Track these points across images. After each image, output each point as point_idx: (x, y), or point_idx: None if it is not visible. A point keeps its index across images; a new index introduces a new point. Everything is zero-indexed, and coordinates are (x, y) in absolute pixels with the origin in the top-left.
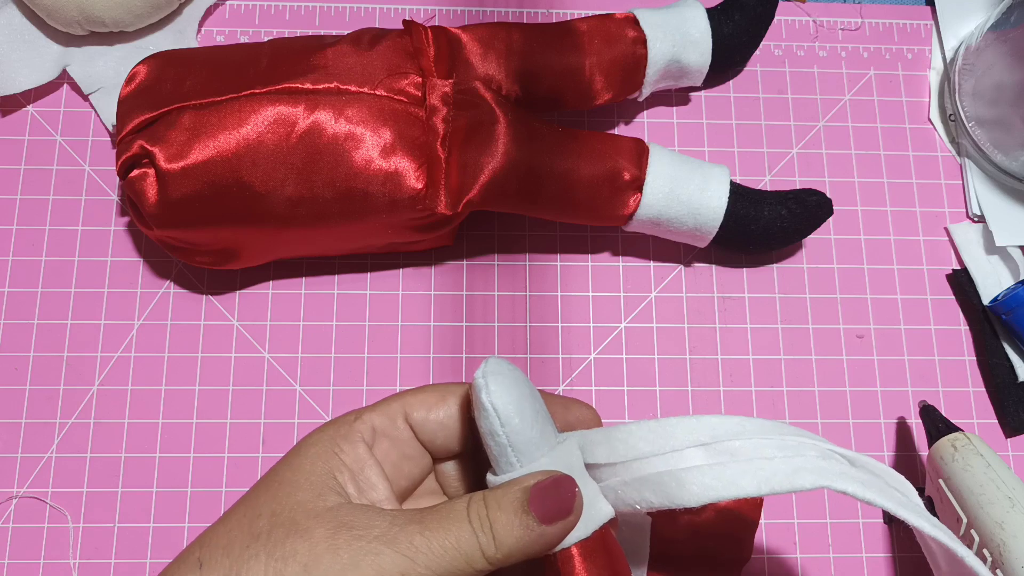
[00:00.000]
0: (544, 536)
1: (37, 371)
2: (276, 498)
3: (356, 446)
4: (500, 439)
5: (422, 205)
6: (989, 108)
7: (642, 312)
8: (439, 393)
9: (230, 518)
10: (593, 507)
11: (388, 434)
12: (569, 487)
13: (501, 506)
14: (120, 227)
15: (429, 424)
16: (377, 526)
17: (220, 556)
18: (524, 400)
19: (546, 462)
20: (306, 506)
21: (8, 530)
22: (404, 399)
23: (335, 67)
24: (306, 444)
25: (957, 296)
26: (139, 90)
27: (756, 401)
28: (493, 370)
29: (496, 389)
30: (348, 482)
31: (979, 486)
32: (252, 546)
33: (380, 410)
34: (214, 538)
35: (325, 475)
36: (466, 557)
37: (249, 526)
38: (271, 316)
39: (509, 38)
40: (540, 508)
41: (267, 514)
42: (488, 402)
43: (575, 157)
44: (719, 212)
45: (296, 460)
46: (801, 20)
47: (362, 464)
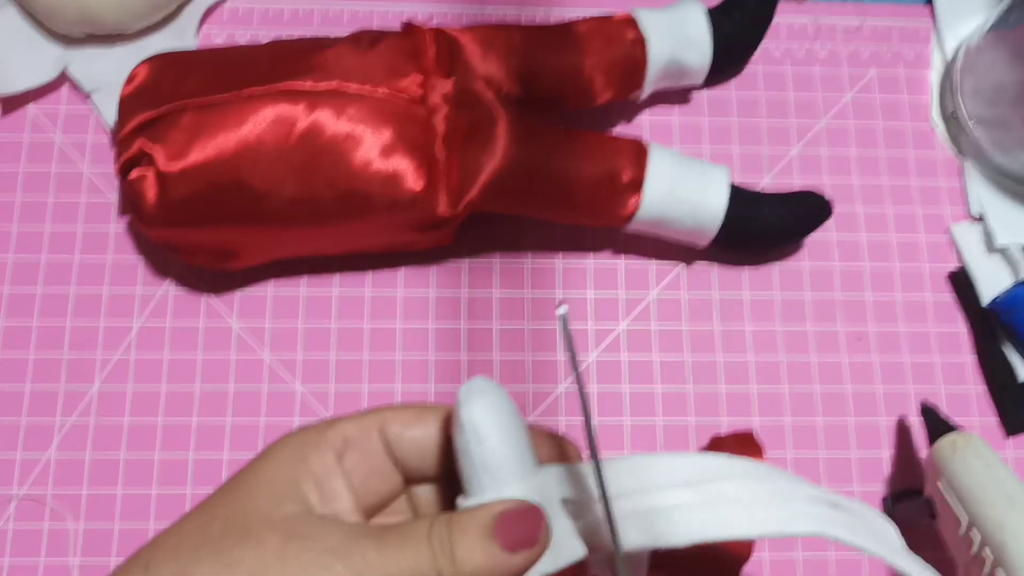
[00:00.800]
0: (506, 565)
1: (37, 371)
2: (233, 503)
3: (324, 454)
4: (474, 458)
5: (422, 205)
6: (989, 108)
7: (642, 312)
8: (418, 412)
9: (184, 522)
10: (565, 544)
11: (360, 446)
12: (536, 517)
13: (465, 530)
14: (120, 227)
15: (403, 442)
16: (331, 537)
17: (168, 559)
18: (504, 423)
19: (518, 489)
20: (261, 513)
21: (8, 530)
22: (381, 413)
23: (335, 67)
24: (273, 449)
25: (957, 296)
26: (139, 90)
27: (756, 401)
28: (477, 388)
29: (477, 406)
30: (312, 490)
31: (979, 486)
32: (200, 550)
33: (355, 421)
34: (165, 540)
35: (288, 482)
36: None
37: (201, 531)
38: (271, 316)
39: (509, 39)
40: (505, 536)
41: (221, 518)
42: (467, 418)
43: (575, 157)
44: (719, 212)
45: (260, 464)
46: (801, 20)
47: (328, 473)
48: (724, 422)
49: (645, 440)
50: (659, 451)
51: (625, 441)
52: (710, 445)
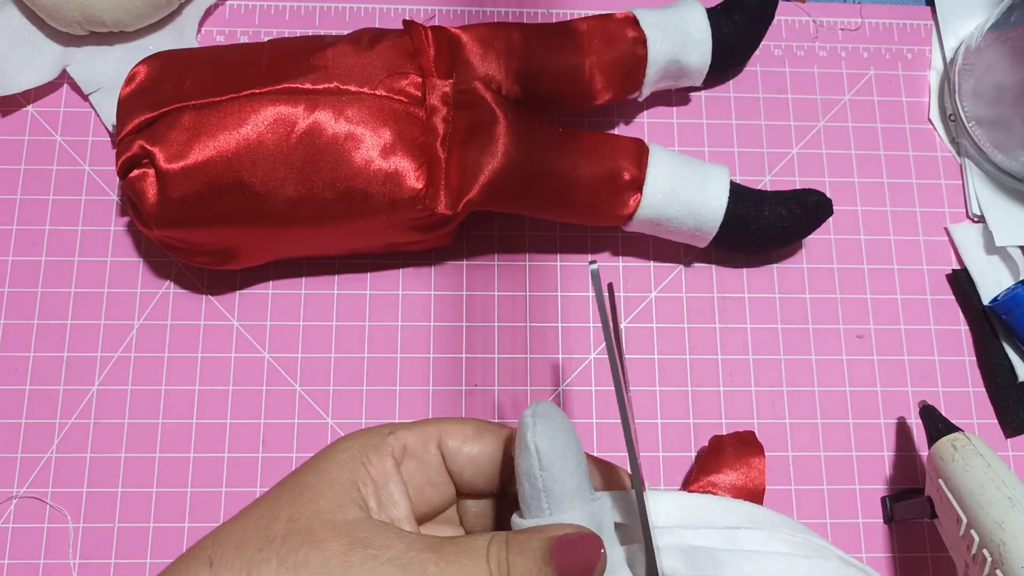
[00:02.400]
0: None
1: (37, 371)
2: (296, 503)
3: (384, 459)
4: (536, 482)
5: (422, 205)
6: (989, 108)
7: (642, 312)
8: (477, 428)
9: (248, 516)
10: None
11: (418, 455)
12: (595, 546)
13: (523, 551)
14: (120, 227)
15: (461, 456)
16: (393, 547)
17: (232, 556)
18: (568, 449)
19: (576, 515)
20: (325, 515)
21: (8, 530)
22: (441, 425)
23: (335, 67)
24: (335, 450)
25: (957, 296)
26: (139, 90)
27: (756, 401)
28: (543, 413)
29: (542, 431)
30: (371, 495)
31: (979, 486)
32: (266, 549)
33: (415, 430)
34: (228, 536)
35: (349, 485)
36: None
37: (266, 528)
38: (271, 316)
39: (509, 38)
40: (562, 562)
41: (285, 518)
42: (532, 442)
43: (575, 157)
44: (719, 212)
45: (323, 465)
46: (801, 20)
47: (387, 479)
48: (724, 422)
49: (645, 440)
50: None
51: None
52: (710, 445)
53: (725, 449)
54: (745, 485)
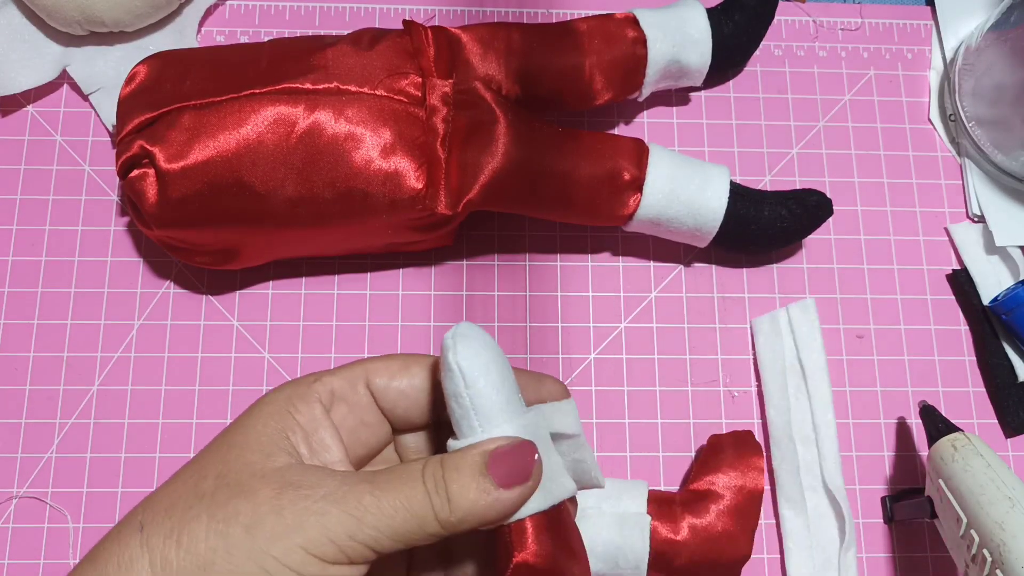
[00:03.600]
0: (500, 501)
1: (37, 371)
2: (224, 460)
3: (312, 406)
4: (463, 401)
5: (422, 205)
6: (989, 108)
7: (642, 312)
8: (403, 361)
9: (176, 480)
10: (555, 481)
11: (347, 398)
12: (529, 452)
13: (458, 468)
14: (120, 227)
15: (390, 392)
16: (325, 485)
17: (162, 517)
18: (491, 364)
19: (509, 428)
20: (254, 467)
21: (8, 530)
22: (367, 365)
23: (335, 67)
24: (260, 404)
25: (957, 296)
26: (139, 90)
27: (756, 401)
28: (463, 333)
29: (463, 351)
30: (301, 442)
31: (979, 486)
32: (195, 507)
33: (340, 374)
34: (158, 500)
35: (276, 435)
36: (418, 519)
37: (194, 487)
38: (271, 316)
39: (509, 38)
40: (499, 472)
41: (213, 475)
42: (455, 362)
43: (575, 157)
44: (719, 212)
45: (248, 420)
46: (801, 20)
47: (316, 425)
48: (724, 422)
49: (645, 440)
50: (659, 446)
51: (625, 441)
52: (709, 445)
53: (724, 449)
54: (744, 484)
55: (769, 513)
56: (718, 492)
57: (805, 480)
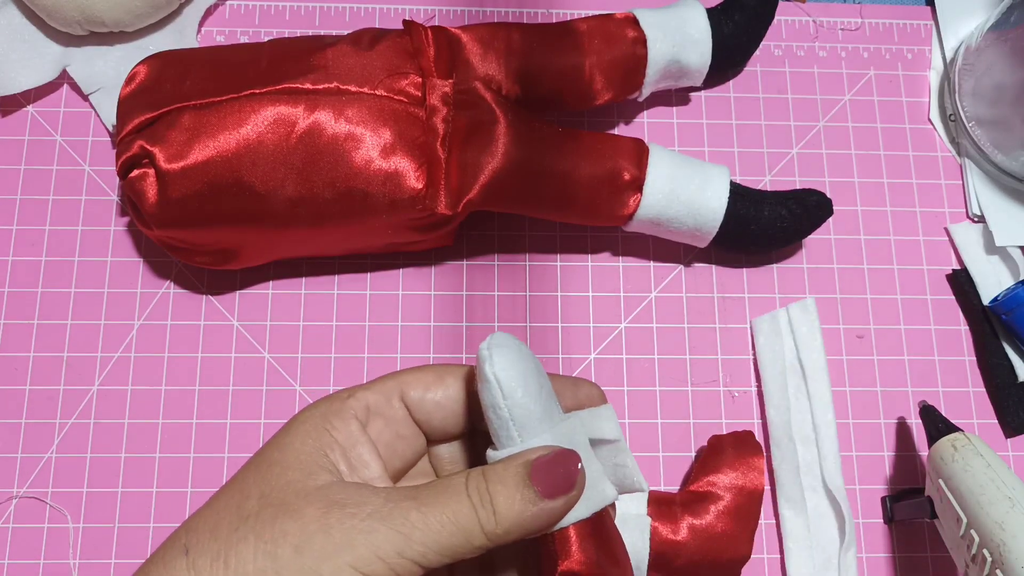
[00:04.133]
0: (545, 511)
1: (37, 371)
2: (265, 479)
3: (348, 423)
4: (502, 412)
5: (422, 205)
6: (989, 108)
7: (642, 312)
8: (437, 373)
9: (218, 501)
10: (596, 487)
11: (382, 413)
12: (572, 461)
13: (502, 480)
14: (120, 227)
15: (426, 404)
16: (370, 503)
17: (207, 540)
18: (528, 374)
19: (549, 437)
20: (296, 486)
21: (8, 530)
22: (400, 378)
23: (335, 67)
24: (296, 422)
25: (957, 296)
26: (139, 90)
27: (756, 401)
28: (499, 343)
29: (500, 361)
30: (340, 460)
31: (979, 486)
32: (241, 528)
33: (375, 388)
34: (201, 522)
35: (315, 453)
36: (465, 532)
37: (237, 508)
38: (271, 316)
39: (509, 38)
40: (542, 482)
41: (256, 495)
42: (491, 374)
43: (575, 157)
44: (719, 212)
45: (285, 439)
46: (801, 20)
47: (354, 442)
48: (724, 422)
49: (645, 440)
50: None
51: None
52: (709, 445)
53: (724, 449)
54: (744, 485)
55: (769, 513)
56: (718, 493)
57: (805, 480)
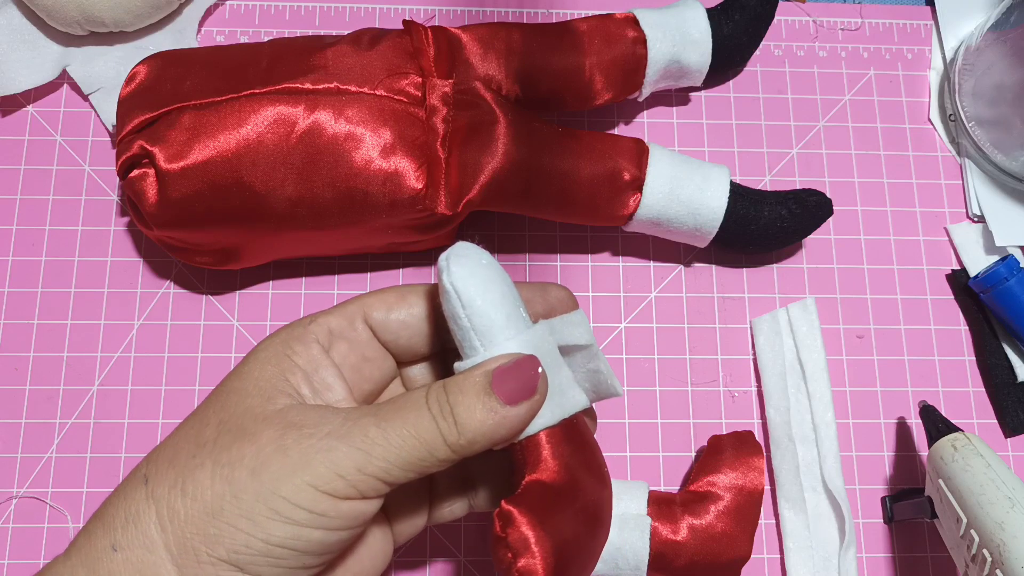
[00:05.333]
0: (508, 418)
1: (37, 371)
2: (224, 407)
3: (310, 347)
4: (463, 322)
5: (422, 205)
6: (989, 108)
7: (642, 312)
8: (400, 292)
9: (178, 432)
10: (564, 394)
11: (346, 336)
12: (532, 367)
13: (462, 389)
14: (120, 227)
15: (390, 324)
16: (329, 423)
17: (166, 468)
18: (490, 283)
19: (513, 345)
20: (254, 411)
21: (8, 530)
22: (363, 300)
23: (335, 67)
24: (257, 350)
25: (957, 296)
26: (139, 90)
27: (756, 401)
28: (457, 252)
29: (458, 271)
30: (302, 383)
31: (979, 486)
32: (198, 455)
33: (337, 312)
34: (161, 452)
35: (276, 378)
36: (427, 445)
37: (196, 437)
38: (271, 316)
39: (509, 38)
40: (503, 389)
41: (214, 423)
42: (449, 283)
43: (575, 157)
44: (719, 212)
45: (245, 367)
46: (801, 20)
47: (316, 365)
48: (724, 422)
49: (645, 440)
50: (659, 446)
51: (625, 441)
52: (709, 445)
53: (724, 449)
54: (744, 485)
55: (769, 513)
56: (718, 493)
57: (805, 480)
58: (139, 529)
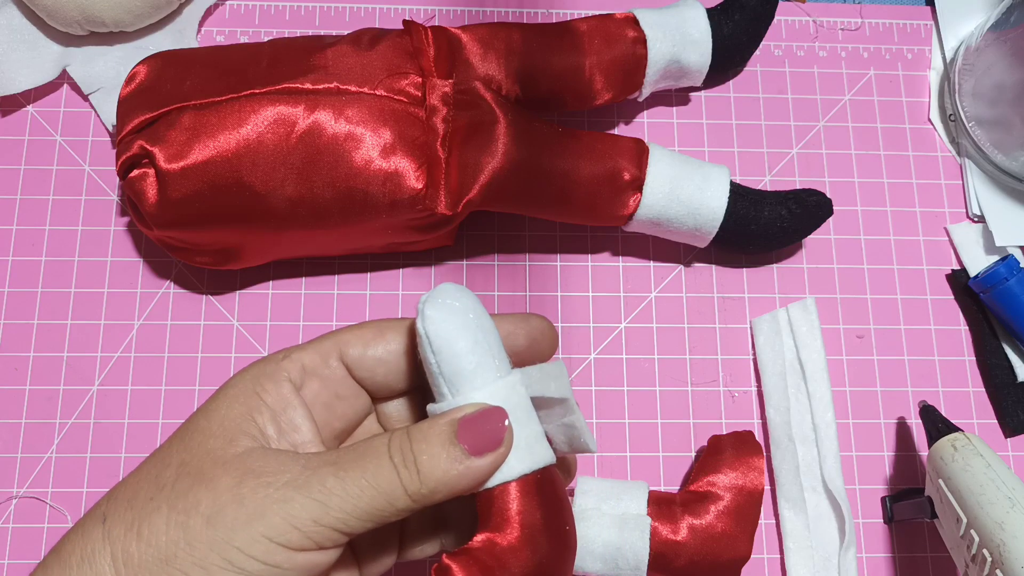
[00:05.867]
0: (472, 468)
1: (37, 371)
2: (187, 447)
3: (280, 385)
4: (433, 368)
5: (422, 205)
6: (989, 108)
7: (642, 312)
8: (377, 328)
9: (140, 470)
10: (532, 447)
11: (319, 373)
12: (498, 418)
13: (427, 438)
14: (120, 227)
15: (367, 360)
16: (288, 471)
17: (123, 509)
18: (463, 329)
19: (480, 395)
20: (215, 454)
21: (8, 530)
22: (338, 336)
23: (335, 67)
24: (226, 387)
25: (957, 296)
26: (139, 90)
27: (756, 401)
28: (434, 297)
29: (432, 315)
30: (268, 423)
31: (979, 486)
32: (156, 498)
33: (311, 348)
34: (121, 490)
35: (241, 418)
36: (386, 495)
37: (156, 477)
38: (271, 316)
39: (509, 38)
40: (468, 439)
41: (175, 464)
42: (422, 328)
43: (575, 157)
44: (719, 212)
45: (213, 404)
46: (801, 20)
47: (285, 405)
48: (724, 422)
49: (645, 440)
50: (659, 446)
51: (625, 441)
52: (709, 445)
53: (724, 449)
54: (744, 485)
55: (769, 513)
56: (718, 493)
57: (805, 480)
58: (93, 570)
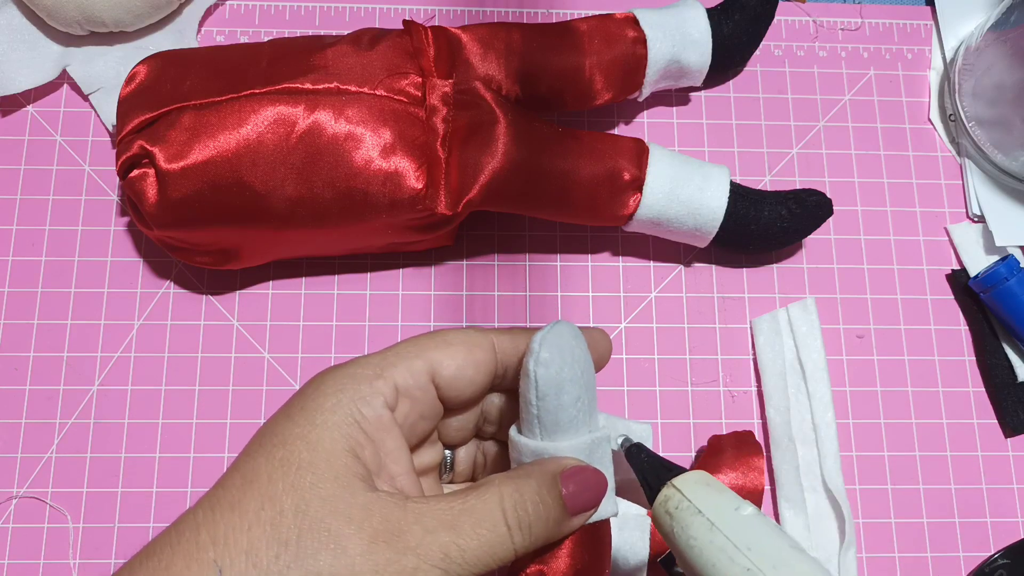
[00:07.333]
0: (567, 528)
1: (37, 371)
2: (297, 489)
3: (379, 412)
4: (532, 408)
5: (422, 205)
6: (989, 108)
7: (642, 312)
8: (465, 346)
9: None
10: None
11: (411, 395)
12: (602, 485)
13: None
14: (120, 227)
15: (459, 382)
16: (412, 534)
17: (243, 563)
18: (572, 384)
19: (566, 447)
20: (333, 504)
21: (8, 530)
22: (426, 352)
23: (335, 67)
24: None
25: (957, 296)
26: (139, 90)
27: (756, 401)
28: (552, 340)
29: (548, 359)
30: (369, 459)
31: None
32: (282, 556)
33: (403, 366)
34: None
35: (346, 455)
36: (498, 557)
37: (273, 528)
38: (271, 316)
39: (509, 38)
40: (573, 500)
41: (291, 511)
42: (532, 370)
43: (575, 157)
44: (719, 212)
45: (313, 432)
46: (801, 20)
47: (384, 433)
48: (724, 422)
49: None
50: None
51: None
52: (709, 445)
53: (724, 449)
54: (744, 485)
55: (769, 513)
56: None
57: (805, 480)
58: None
